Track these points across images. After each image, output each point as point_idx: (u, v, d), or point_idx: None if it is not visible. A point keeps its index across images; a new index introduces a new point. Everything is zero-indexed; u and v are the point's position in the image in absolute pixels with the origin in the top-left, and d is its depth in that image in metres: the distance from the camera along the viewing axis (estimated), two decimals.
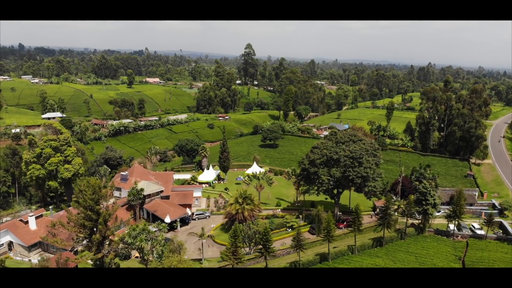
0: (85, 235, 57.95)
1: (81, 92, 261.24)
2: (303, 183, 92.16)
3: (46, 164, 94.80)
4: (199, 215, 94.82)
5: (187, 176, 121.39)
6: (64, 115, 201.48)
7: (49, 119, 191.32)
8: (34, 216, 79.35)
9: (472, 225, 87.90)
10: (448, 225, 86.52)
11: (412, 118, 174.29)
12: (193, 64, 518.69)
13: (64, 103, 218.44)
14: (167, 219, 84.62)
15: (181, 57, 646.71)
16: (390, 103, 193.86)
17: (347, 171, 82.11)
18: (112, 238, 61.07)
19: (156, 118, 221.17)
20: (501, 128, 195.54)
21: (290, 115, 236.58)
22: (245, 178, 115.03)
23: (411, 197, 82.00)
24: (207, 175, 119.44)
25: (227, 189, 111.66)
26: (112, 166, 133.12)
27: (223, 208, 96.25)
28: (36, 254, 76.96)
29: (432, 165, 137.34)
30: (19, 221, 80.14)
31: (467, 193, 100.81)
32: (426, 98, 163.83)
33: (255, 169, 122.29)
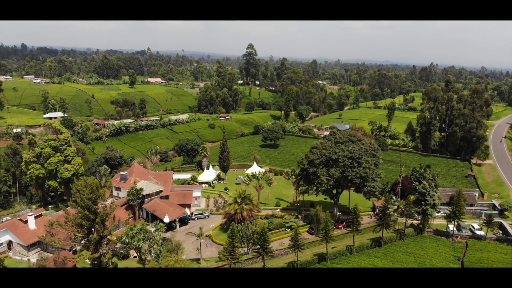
0: (82, 235, 58.08)
1: (83, 92, 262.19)
2: (303, 183, 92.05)
3: (46, 164, 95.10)
4: (198, 215, 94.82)
5: (187, 176, 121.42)
6: (66, 115, 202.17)
7: (50, 119, 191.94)
8: (34, 216, 79.51)
9: (472, 225, 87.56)
10: (448, 225, 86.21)
11: (414, 118, 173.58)
12: (195, 64, 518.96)
13: (65, 103, 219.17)
14: (166, 219, 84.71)
15: (183, 57, 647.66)
16: (391, 103, 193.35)
17: (346, 171, 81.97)
18: (110, 237, 61.18)
19: (157, 118, 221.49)
20: (503, 128, 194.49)
21: (291, 115, 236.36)
22: (244, 178, 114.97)
23: (410, 197, 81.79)
24: (207, 175, 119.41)
25: (226, 189, 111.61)
26: (112, 166, 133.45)
27: (222, 208, 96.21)
28: (35, 254, 77.06)
29: (433, 165, 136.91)
30: (18, 220, 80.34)
31: (467, 194, 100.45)
32: (427, 98, 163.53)
33: (255, 169, 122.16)
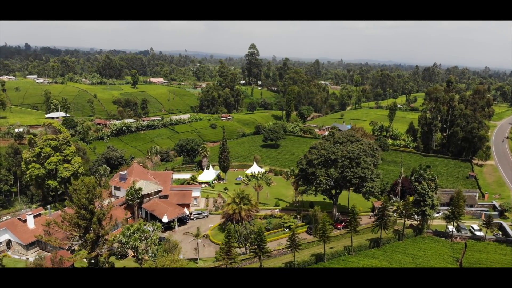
0: (79, 234, 58.22)
1: (85, 92, 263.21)
2: (302, 183, 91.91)
3: (45, 164, 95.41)
4: (197, 214, 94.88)
5: (187, 176, 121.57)
6: (68, 115, 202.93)
7: (52, 118, 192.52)
8: (33, 215, 79.82)
9: (472, 226, 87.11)
10: (447, 226, 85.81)
11: (416, 118, 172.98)
12: (197, 64, 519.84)
13: (67, 103, 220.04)
14: (165, 219, 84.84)
15: (186, 57, 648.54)
16: (393, 103, 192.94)
17: (344, 171, 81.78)
18: (107, 237, 61.30)
19: (158, 118, 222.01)
20: (505, 129, 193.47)
21: (292, 115, 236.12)
22: (244, 178, 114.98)
23: (408, 198, 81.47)
24: (207, 175, 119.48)
25: (226, 189, 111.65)
26: (113, 166, 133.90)
27: (221, 208, 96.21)
28: (34, 253, 77.33)
29: (434, 166, 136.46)
30: (17, 219, 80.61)
31: (467, 194, 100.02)
32: (429, 99, 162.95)
33: (255, 169, 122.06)
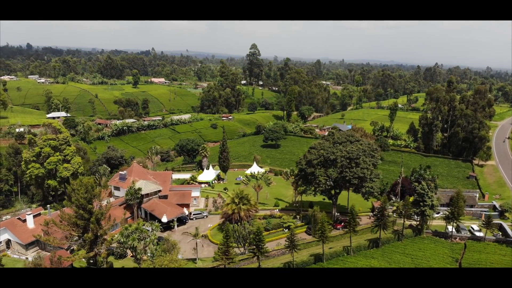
0: (78, 234, 58.29)
1: (86, 92, 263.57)
2: (301, 184, 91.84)
3: (45, 163, 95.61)
4: (196, 214, 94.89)
5: (187, 176, 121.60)
6: (69, 115, 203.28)
7: (53, 118, 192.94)
8: (32, 215, 80.00)
9: (471, 227, 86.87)
10: (447, 226, 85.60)
11: (416, 119, 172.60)
12: (199, 64, 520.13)
13: (68, 103, 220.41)
14: (164, 219, 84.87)
15: (187, 57, 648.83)
16: (394, 103, 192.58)
17: (343, 171, 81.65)
18: (105, 237, 61.35)
19: (159, 118, 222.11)
20: (506, 129, 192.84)
21: (293, 115, 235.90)
22: (243, 178, 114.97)
23: (407, 198, 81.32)
24: (207, 175, 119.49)
25: (226, 189, 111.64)
26: (113, 166, 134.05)
27: (221, 208, 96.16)
28: (33, 252, 77.48)
29: (434, 166, 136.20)
30: (17, 219, 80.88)
31: (467, 195, 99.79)
32: (430, 99, 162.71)
33: (255, 169, 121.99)
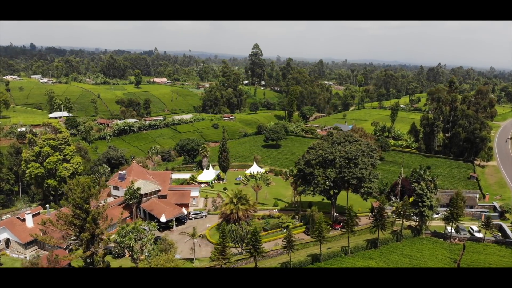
0: (75, 233, 58.45)
1: (88, 91, 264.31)
2: (300, 184, 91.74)
3: (44, 163, 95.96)
4: (195, 214, 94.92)
5: (187, 175, 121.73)
6: (71, 115, 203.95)
7: (55, 118, 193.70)
8: (31, 214, 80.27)
9: (471, 227, 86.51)
10: (446, 227, 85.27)
11: (418, 119, 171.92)
12: (201, 65, 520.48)
13: (70, 103, 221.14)
14: (163, 218, 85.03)
15: (190, 57, 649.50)
16: (395, 104, 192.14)
17: (342, 172, 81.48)
18: (102, 236, 61.46)
19: (161, 118, 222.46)
20: (509, 129, 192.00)
21: (294, 115, 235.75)
22: (243, 178, 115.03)
23: (406, 198, 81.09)
24: (207, 175, 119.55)
25: (225, 189, 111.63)
26: (114, 165, 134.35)
27: (220, 208, 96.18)
28: (32, 252, 77.79)
29: (435, 166, 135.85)
30: (16, 218, 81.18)
31: (467, 195, 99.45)
32: (431, 99, 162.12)
33: (255, 169, 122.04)
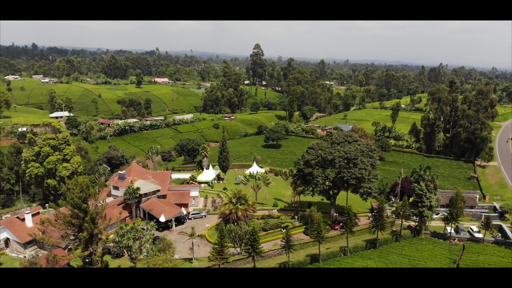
0: (73, 233, 58.52)
1: (90, 91, 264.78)
2: (300, 184, 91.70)
3: (44, 163, 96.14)
4: (195, 214, 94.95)
5: (187, 175, 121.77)
6: (72, 114, 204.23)
7: (56, 118, 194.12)
8: (31, 214, 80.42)
9: (471, 228, 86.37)
10: (446, 227, 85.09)
11: (419, 119, 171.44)
12: (203, 65, 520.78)
13: (71, 103, 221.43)
14: (162, 218, 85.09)
15: (191, 58, 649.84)
16: (396, 104, 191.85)
17: (341, 172, 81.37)
18: (101, 236, 61.53)
19: (161, 118, 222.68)
20: (510, 130, 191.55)
21: (295, 115, 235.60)
22: (242, 178, 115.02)
23: (405, 199, 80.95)
24: (207, 174, 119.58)
25: (225, 189, 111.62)
26: (114, 165, 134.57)
27: (219, 207, 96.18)
28: (32, 251, 77.96)
29: (436, 166, 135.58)
30: (16, 218, 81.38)
31: (467, 196, 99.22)
32: (432, 99, 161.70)
33: (255, 169, 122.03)
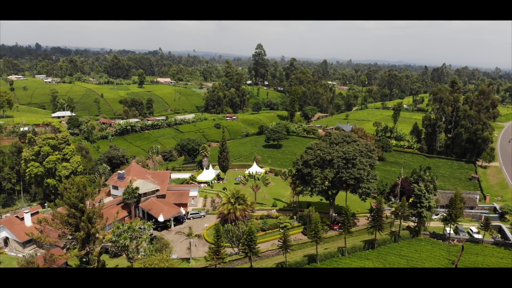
0: (70, 232, 58.70)
1: (92, 91, 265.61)
2: (298, 184, 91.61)
3: (44, 162, 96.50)
4: (194, 214, 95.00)
5: (186, 175, 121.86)
6: (74, 114, 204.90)
7: (58, 117, 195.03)
8: (30, 213, 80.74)
9: (470, 228, 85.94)
10: (445, 228, 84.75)
11: (421, 119, 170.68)
12: (205, 65, 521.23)
13: (73, 102, 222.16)
14: (161, 218, 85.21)
15: (194, 58, 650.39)
16: (397, 104, 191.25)
17: (340, 172, 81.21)
18: (98, 235, 61.68)
19: (163, 118, 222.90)
20: None
21: (296, 115, 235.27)
22: (242, 178, 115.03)
23: (404, 199, 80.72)
24: (206, 174, 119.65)
25: (225, 189, 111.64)
26: (115, 165, 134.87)
27: (218, 207, 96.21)
28: (31, 250, 78.24)
29: (437, 167, 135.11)
30: (15, 217, 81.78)
31: (467, 196, 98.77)
32: (433, 99, 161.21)
33: (255, 169, 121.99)
